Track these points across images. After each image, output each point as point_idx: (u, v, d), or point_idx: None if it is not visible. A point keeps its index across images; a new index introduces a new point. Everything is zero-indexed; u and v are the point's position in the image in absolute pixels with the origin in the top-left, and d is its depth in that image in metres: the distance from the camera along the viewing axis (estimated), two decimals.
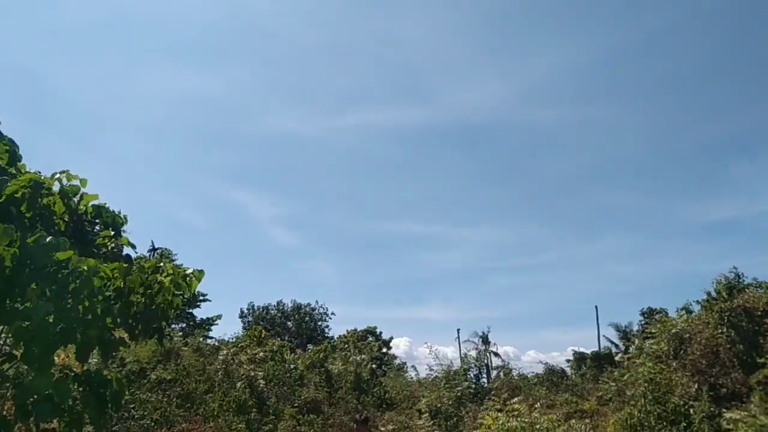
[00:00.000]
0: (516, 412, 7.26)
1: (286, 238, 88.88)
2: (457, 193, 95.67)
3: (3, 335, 5.53)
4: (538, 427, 6.73)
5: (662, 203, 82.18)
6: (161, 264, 5.72)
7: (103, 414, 5.83)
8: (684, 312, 12.73)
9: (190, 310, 31.15)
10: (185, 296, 5.97)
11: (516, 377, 26.99)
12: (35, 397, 5.06)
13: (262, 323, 42.91)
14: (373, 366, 29.54)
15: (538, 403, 7.74)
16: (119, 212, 6.49)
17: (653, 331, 11.88)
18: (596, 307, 44.55)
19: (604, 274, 78.49)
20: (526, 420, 6.90)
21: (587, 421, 8.97)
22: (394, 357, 44.45)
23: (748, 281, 13.62)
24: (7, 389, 5.77)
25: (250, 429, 13.88)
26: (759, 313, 10.93)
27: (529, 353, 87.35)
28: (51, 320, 5.01)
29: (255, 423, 14.75)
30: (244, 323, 50.45)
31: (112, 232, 6.14)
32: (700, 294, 13.81)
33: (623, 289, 74.31)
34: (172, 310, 5.56)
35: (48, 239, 5.01)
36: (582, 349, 34.78)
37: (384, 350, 43.74)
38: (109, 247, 6.12)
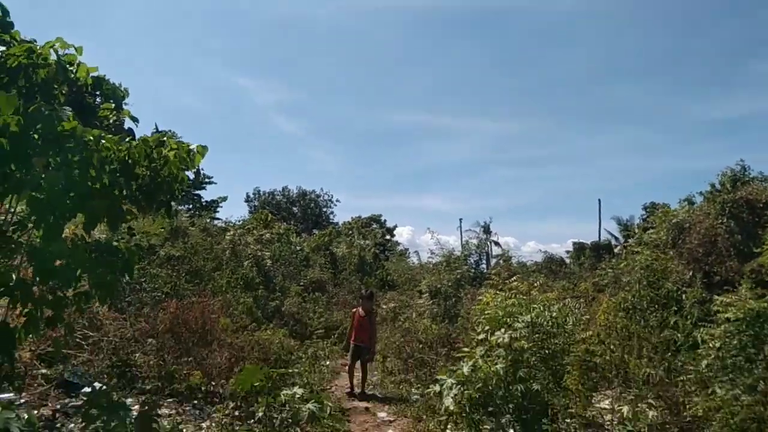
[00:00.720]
0: (514, 291, 7.54)
1: (289, 126, 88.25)
2: (465, 82, 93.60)
3: (12, 205, 5.63)
4: (534, 305, 7.01)
5: (674, 100, 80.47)
6: (165, 139, 5.68)
7: (117, 281, 6.06)
8: (686, 203, 12.81)
9: (197, 192, 31.52)
10: (190, 171, 5.99)
11: (515, 264, 27.70)
12: (52, 264, 5.23)
13: (267, 208, 43.55)
14: (377, 251, 30.33)
15: (537, 283, 8.01)
16: (120, 85, 6.37)
17: (654, 219, 12.04)
18: (599, 200, 44.78)
19: (609, 169, 78.48)
20: (524, 297, 7.19)
21: (582, 300, 9.33)
22: (397, 244, 45.51)
23: (754, 174, 13.60)
24: (19, 258, 5.95)
25: (257, 304, 14.51)
26: (761, 205, 11.00)
27: (529, 244, 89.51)
28: (60, 190, 5.06)
29: (262, 299, 15.38)
30: (250, 207, 51.34)
31: (113, 105, 6.05)
32: (705, 188, 13.85)
33: (628, 185, 74.59)
34: (178, 185, 5.59)
35: (50, 109, 4.94)
36: (582, 241, 35.49)
37: (387, 237, 44.66)
38: (111, 120, 6.06)
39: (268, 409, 5.87)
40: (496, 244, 37.51)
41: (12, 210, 5.65)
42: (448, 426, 7.24)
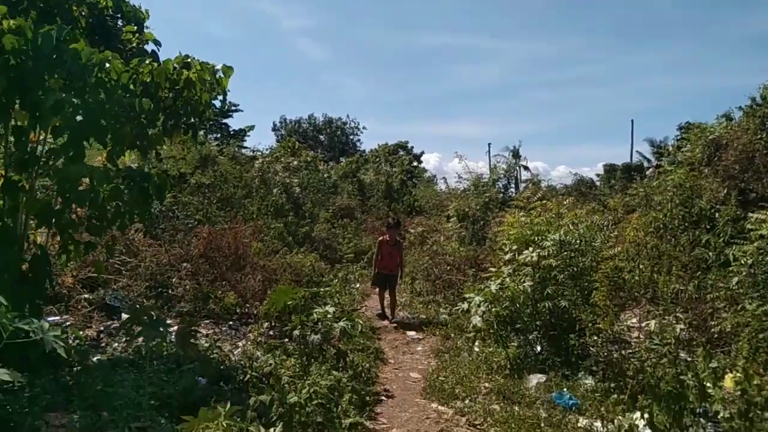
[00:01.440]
0: (542, 210, 7.48)
1: (314, 51, 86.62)
2: (497, 1, 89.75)
3: (44, 133, 5.71)
4: (562, 222, 6.98)
5: (714, 13, 76.07)
6: (189, 60, 5.62)
7: (149, 206, 6.19)
8: (724, 119, 12.29)
9: (224, 121, 31.55)
10: (217, 94, 5.94)
11: (544, 188, 27.31)
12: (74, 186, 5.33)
13: (294, 136, 43.48)
14: (404, 178, 30.22)
15: (566, 202, 7.91)
16: (140, 7, 6.27)
17: (688, 138, 11.64)
18: (632, 121, 43.56)
19: (644, 89, 75.65)
20: (553, 216, 7.14)
21: (610, 217, 9.22)
22: (424, 170, 45.21)
23: None
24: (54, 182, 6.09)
25: (287, 230, 14.75)
26: None
27: (559, 168, 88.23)
28: (79, 114, 5.07)
29: (292, 225, 15.62)
30: (277, 136, 51.41)
31: (135, 28, 5.98)
32: (746, 103, 13.16)
33: (663, 106, 71.95)
34: (202, 106, 5.59)
35: (58, 29, 4.87)
36: (613, 163, 34.81)
37: (414, 164, 44.37)
38: (134, 44, 6.02)
39: (302, 327, 6.06)
40: (525, 168, 36.93)
41: (44, 138, 5.74)
42: (476, 342, 7.43)
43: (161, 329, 4.75)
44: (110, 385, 5.33)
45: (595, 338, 6.35)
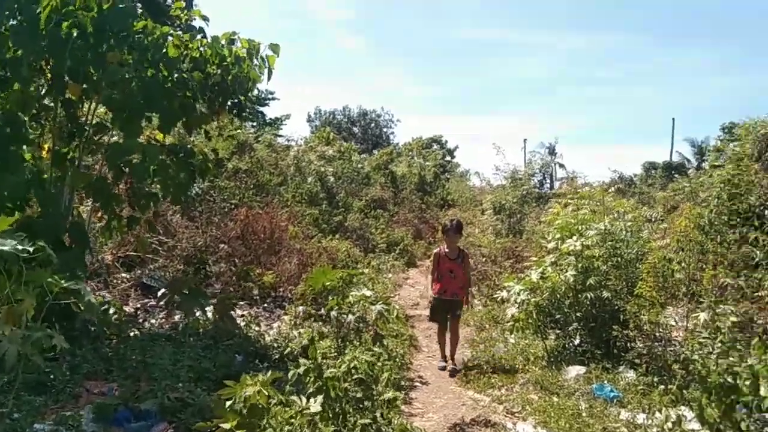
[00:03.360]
0: (587, 199, 7.29)
1: (351, 43, 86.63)
2: None
3: (92, 108, 5.79)
4: (608, 212, 6.79)
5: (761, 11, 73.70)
6: (236, 37, 5.63)
7: (193, 181, 6.24)
8: None
9: (260, 109, 31.78)
10: (263, 72, 5.92)
11: (581, 185, 26.77)
12: (128, 160, 5.41)
13: (328, 127, 43.57)
14: (437, 171, 30.01)
15: (610, 191, 7.70)
16: None
17: (738, 134, 11.27)
18: (673, 119, 42.58)
19: (685, 88, 73.76)
20: (598, 205, 6.95)
21: (659, 208, 8.94)
22: (458, 165, 44.85)
23: None
24: (101, 157, 6.17)
25: (321, 217, 14.77)
26: None
27: (595, 167, 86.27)
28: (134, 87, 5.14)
29: (326, 213, 15.65)
30: (312, 127, 51.51)
31: (184, 4, 6.02)
32: None
33: (704, 107, 70.09)
34: (250, 83, 5.59)
35: (123, 5, 4.94)
36: (654, 161, 34.05)
37: (448, 158, 44.05)
38: (183, 20, 6.05)
39: (339, 309, 6.04)
40: (561, 165, 36.44)
41: (92, 114, 5.82)
42: (512, 333, 7.28)
43: (201, 300, 4.78)
44: (149, 357, 5.40)
45: (638, 331, 6.18)
